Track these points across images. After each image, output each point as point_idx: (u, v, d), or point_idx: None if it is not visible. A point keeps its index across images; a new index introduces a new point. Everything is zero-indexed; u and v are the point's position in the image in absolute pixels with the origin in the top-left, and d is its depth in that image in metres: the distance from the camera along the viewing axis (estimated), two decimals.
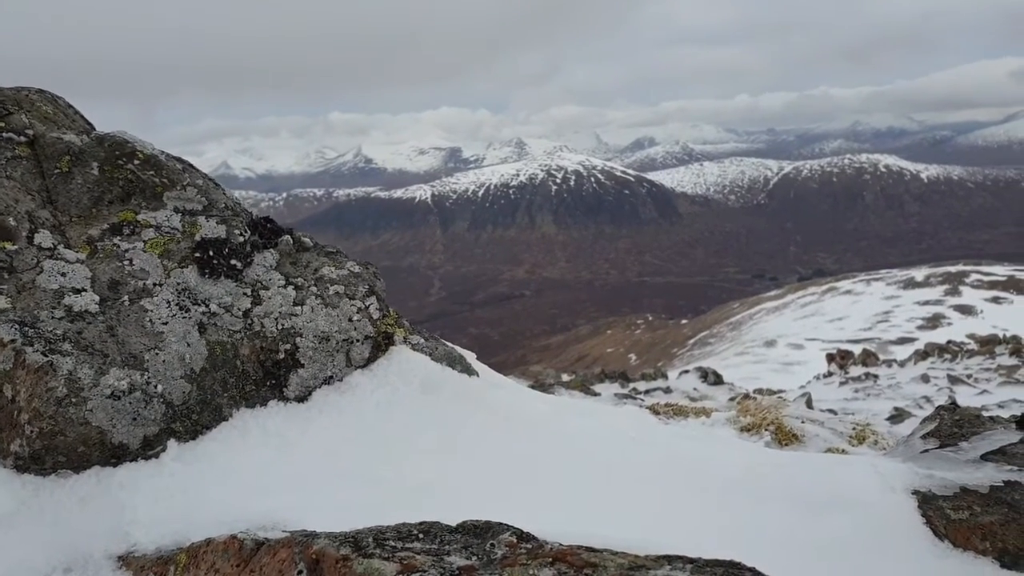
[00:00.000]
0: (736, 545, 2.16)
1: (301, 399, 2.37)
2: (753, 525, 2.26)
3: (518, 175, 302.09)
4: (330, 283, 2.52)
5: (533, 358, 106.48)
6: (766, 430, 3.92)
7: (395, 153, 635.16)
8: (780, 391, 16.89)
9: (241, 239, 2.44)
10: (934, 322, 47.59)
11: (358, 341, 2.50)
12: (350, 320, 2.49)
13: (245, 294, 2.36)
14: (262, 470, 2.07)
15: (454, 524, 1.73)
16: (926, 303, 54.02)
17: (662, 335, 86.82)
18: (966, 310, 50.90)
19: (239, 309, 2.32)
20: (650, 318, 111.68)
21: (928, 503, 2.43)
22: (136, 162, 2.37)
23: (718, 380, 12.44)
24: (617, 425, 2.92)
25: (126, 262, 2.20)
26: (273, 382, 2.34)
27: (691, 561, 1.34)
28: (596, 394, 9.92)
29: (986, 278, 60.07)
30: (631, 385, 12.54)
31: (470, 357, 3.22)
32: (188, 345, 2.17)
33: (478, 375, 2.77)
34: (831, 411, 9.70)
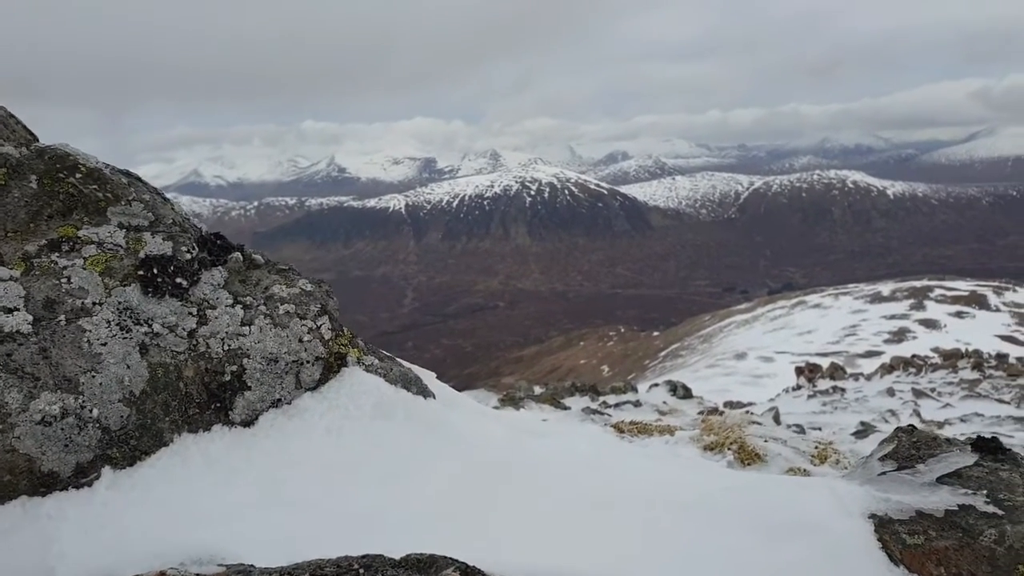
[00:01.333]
0: (691, 573, 2.13)
1: (247, 423, 2.29)
2: (709, 552, 2.23)
3: (492, 186, 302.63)
4: (280, 302, 2.44)
5: (506, 370, 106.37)
6: (729, 449, 3.91)
7: (369, 162, 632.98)
8: (750, 404, 17.02)
9: (188, 256, 2.36)
10: (900, 336, 48.40)
11: (308, 362, 2.43)
12: (300, 341, 2.42)
13: (191, 313, 2.27)
14: (202, 498, 1.99)
15: (398, 557, 1.67)
16: (892, 317, 54.95)
17: (634, 347, 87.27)
18: (931, 324, 51.87)
19: (184, 329, 2.24)
20: (623, 330, 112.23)
21: (884, 527, 2.42)
22: (78, 175, 2.29)
23: (687, 394, 12.49)
24: (575, 448, 2.88)
25: (64, 280, 2.11)
26: (218, 405, 2.25)
27: None
28: (566, 408, 9.88)
29: (949, 293, 61.34)
30: (601, 399, 12.52)
31: (429, 377, 3.16)
32: (128, 367, 2.08)
33: (434, 397, 2.71)
34: (798, 426, 9.78)
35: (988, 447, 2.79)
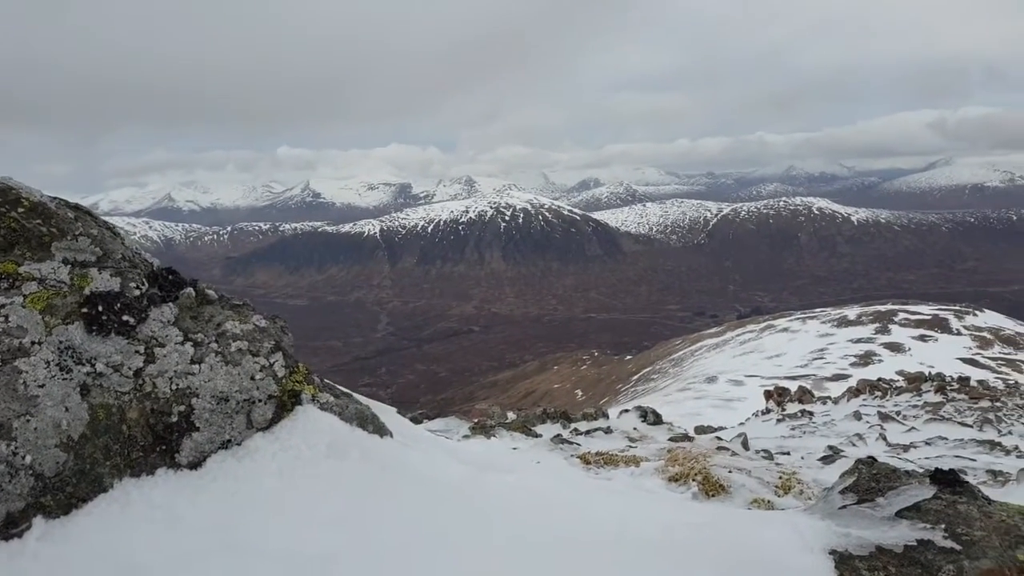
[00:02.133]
0: None
1: (194, 466, 2.21)
2: None
3: (468, 211, 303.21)
4: (233, 339, 2.38)
5: (481, 394, 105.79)
6: (693, 480, 3.89)
7: (344, 188, 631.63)
8: (720, 428, 17.05)
9: (137, 292, 2.30)
10: (866, 359, 49.08)
11: (260, 401, 2.36)
12: (252, 379, 2.35)
13: (137, 352, 2.20)
14: (142, 547, 1.91)
15: None
16: (859, 341, 55.77)
17: (607, 371, 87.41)
18: (895, 348, 52.72)
19: (130, 368, 2.17)
20: (596, 354, 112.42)
21: (845, 563, 2.40)
22: (21, 210, 2.22)
23: (657, 420, 12.48)
24: (537, 484, 2.84)
25: (1, 319, 2.04)
26: (164, 448, 2.18)
27: None
28: (537, 435, 9.82)
29: (913, 317, 62.50)
30: (573, 425, 12.47)
31: (389, 412, 3.11)
32: (66, 409, 2.00)
33: (391, 435, 2.66)
34: (767, 451, 9.80)
35: (946, 479, 2.81)
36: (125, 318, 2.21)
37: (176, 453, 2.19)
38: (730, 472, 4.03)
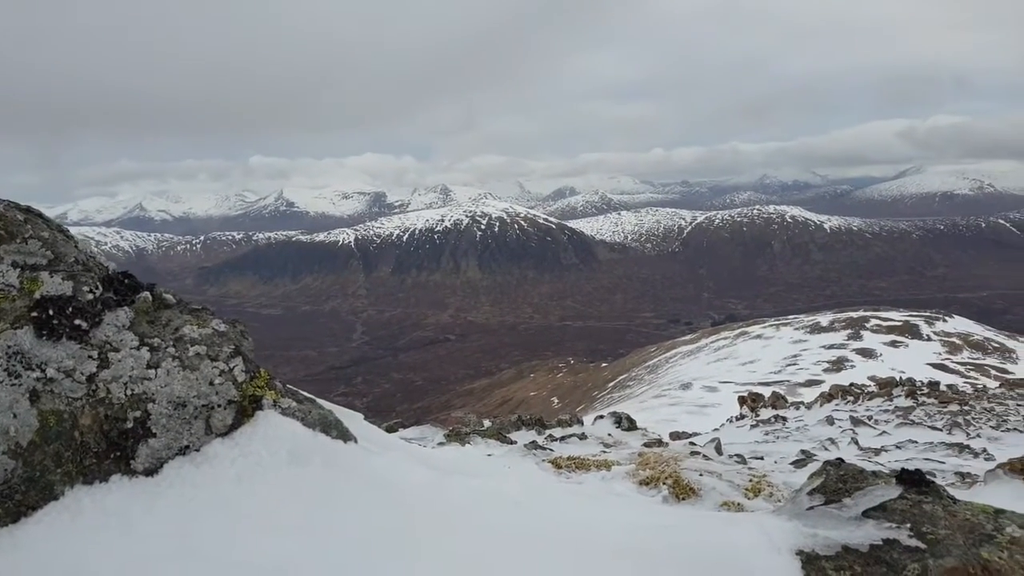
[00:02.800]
0: None
1: (150, 472, 2.15)
2: None
3: (443, 220, 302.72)
4: (191, 343, 2.33)
5: (457, 403, 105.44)
6: (664, 484, 3.88)
7: (318, 197, 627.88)
8: (695, 434, 17.14)
9: (91, 296, 2.24)
10: (838, 365, 49.71)
11: (220, 406, 2.31)
12: (211, 384, 2.30)
13: (91, 357, 2.14)
14: (94, 555, 1.85)
15: None
16: (831, 347, 56.48)
17: (583, 378, 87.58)
18: (867, 353, 53.47)
19: (82, 374, 2.11)
20: (572, 361, 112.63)
21: (811, 563, 2.41)
22: None
23: (632, 425, 12.51)
24: (505, 489, 2.81)
25: None
26: (118, 454, 2.12)
27: None
28: (512, 442, 9.79)
29: (884, 323, 63.46)
30: (548, 432, 12.45)
31: (356, 418, 3.07)
32: (15, 416, 1.94)
33: (356, 440, 2.61)
34: (740, 456, 9.83)
35: (912, 480, 2.82)
36: (77, 322, 2.15)
37: (132, 460, 2.13)
38: (700, 475, 4.03)
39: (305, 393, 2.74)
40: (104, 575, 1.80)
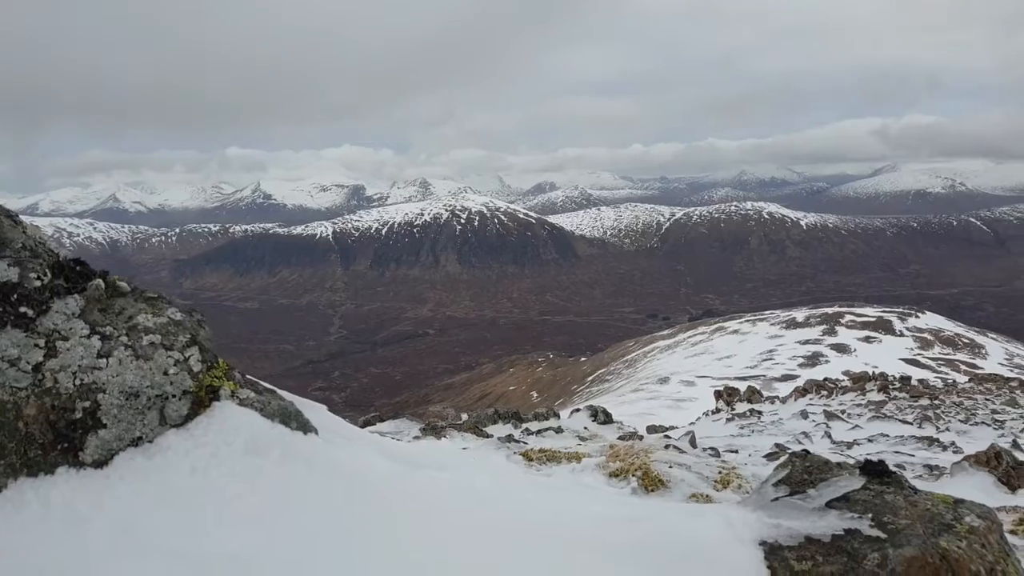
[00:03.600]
0: None
1: (100, 464, 2.09)
2: None
3: (423, 214, 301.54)
4: (145, 332, 2.27)
5: (436, 397, 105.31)
6: (633, 476, 3.88)
7: (296, 189, 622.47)
8: (672, 427, 17.24)
9: (38, 283, 2.17)
10: (813, 360, 50.31)
11: (175, 397, 2.25)
12: (165, 373, 2.24)
13: (37, 345, 2.08)
14: (38, 549, 1.79)
15: None
16: (806, 342, 57.15)
17: (563, 372, 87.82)
18: (842, 349, 54.17)
19: (28, 363, 2.04)
20: (551, 356, 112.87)
21: (774, 554, 2.41)
22: None
23: (608, 419, 12.55)
24: (471, 481, 2.78)
25: None
26: (66, 445, 2.06)
27: None
28: (488, 435, 9.76)
29: (859, 319, 64.31)
30: (524, 425, 12.45)
31: (319, 410, 3.02)
32: None
33: (316, 432, 2.57)
34: (714, 449, 9.91)
35: (875, 471, 2.84)
36: (23, 310, 2.08)
37: (80, 451, 2.07)
38: (670, 467, 4.04)
39: (265, 384, 2.69)
40: (48, 571, 1.75)
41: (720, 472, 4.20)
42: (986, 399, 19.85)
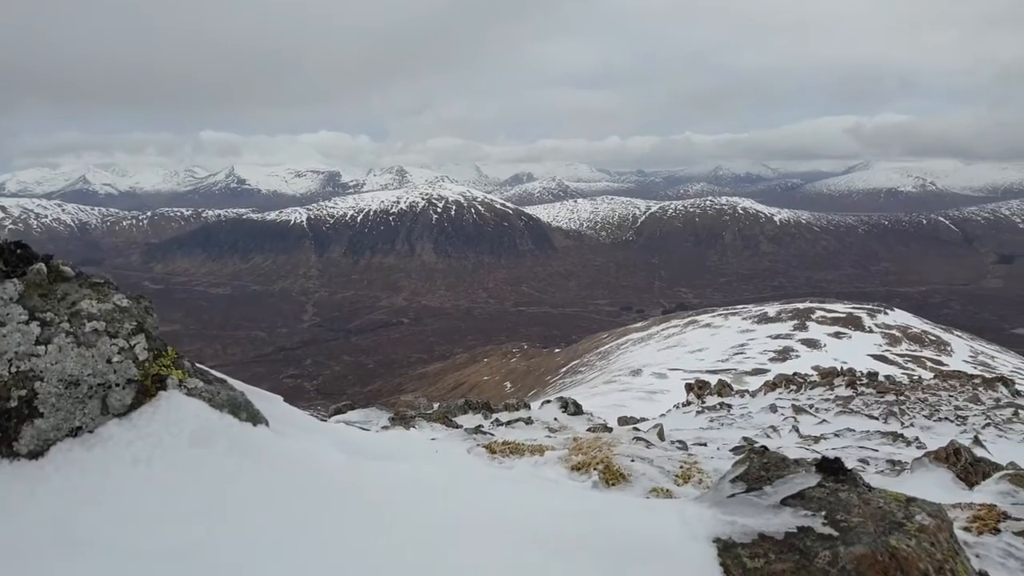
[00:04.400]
0: None
1: (35, 455, 2.02)
2: None
3: (399, 202, 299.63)
4: (88, 319, 2.19)
5: (409, 386, 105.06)
6: (595, 469, 3.87)
7: (270, 175, 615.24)
8: (643, 419, 17.32)
9: None
10: (784, 355, 50.90)
11: (118, 386, 2.19)
12: (109, 362, 2.17)
13: None
14: None
15: None
16: (778, 337, 57.80)
17: (537, 363, 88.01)
18: (812, 344, 54.86)
19: None
20: (525, 347, 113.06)
21: (728, 551, 2.41)
22: None
23: (578, 410, 12.59)
24: (427, 473, 2.74)
25: None
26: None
27: None
28: (458, 426, 9.74)
29: (829, 315, 65.19)
30: (494, 416, 12.44)
31: (274, 401, 2.96)
32: None
33: (267, 423, 2.51)
34: (682, 442, 9.96)
35: (831, 468, 2.85)
36: None
37: (14, 441, 2.00)
38: (632, 461, 4.03)
39: (216, 373, 2.62)
40: None
41: (682, 466, 4.20)
42: (950, 395, 20.23)
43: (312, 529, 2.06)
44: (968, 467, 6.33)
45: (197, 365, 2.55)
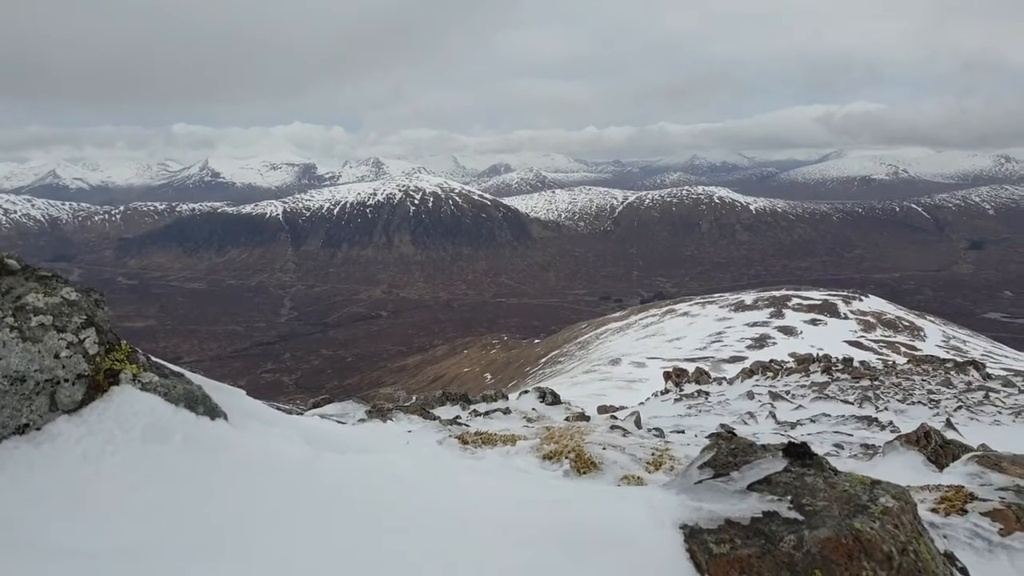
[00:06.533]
0: None
1: None
2: (517, 573, 2.11)
3: (376, 194, 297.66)
4: (34, 313, 2.12)
5: (389, 379, 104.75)
6: (566, 458, 3.85)
7: (245, 168, 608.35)
8: (622, 407, 17.39)
9: None
10: (761, 342, 51.38)
11: (67, 381, 2.12)
12: (57, 356, 2.11)
13: None
14: None
15: None
16: (754, 324, 58.33)
17: (516, 354, 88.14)
18: (788, 331, 55.43)
19: None
20: (505, 338, 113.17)
21: (694, 537, 2.40)
22: None
23: (555, 400, 12.61)
24: (394, 464, 2.70)
25: None
26: None
27: None
28: (435, 418, 9.70)
29: (805, 302, 65.89)
30: (472, 407, 12.41)
31: (236, 395, 2.90)
32: None
33: (225, 417, 2.46)
34: (659, 430, 10.00)
35: (798, 452, 2.86)
36: None
37: None
38: (604, 449, 4.03)
39: (172, 367, 2.56)
40: None
41: (653, 454, 4.21)
42: (923, 380, 20.50)
43: (266, 525, 2.02)
44: (938, 449, 6.42)
45: (153, 359, 2.48)
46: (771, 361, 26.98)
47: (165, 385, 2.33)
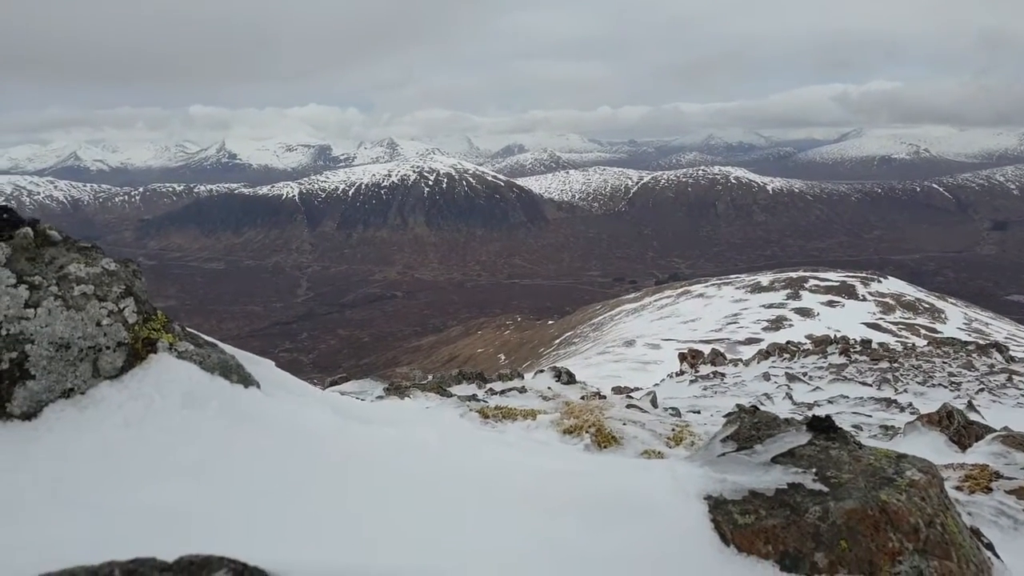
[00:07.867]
0: (517, 565, 2.05)
1: (28, 416, 2.02)
2: (540, 539, 2.15)
3: (390, 175, 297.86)
4: (77, 282, 2.18)
5: (404, 359, 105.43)
6: (587, 432, 3.90)
7: (261, 149, 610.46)
8: (636, 388, 17.45)
9: None
10: (777, 324, 51.16)
11: (108, 348, 2.18)
12: (99, 324, 2.16)
13: None
14: None
15: (171, 560, 1.49)
16: (771, 306, 58.05)
17: (530, 335, 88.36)
18: (805, 313, 55.13)
19: None
20: (519, 319, 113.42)
21: (718, 508, 2.43)
22: None
23: (571, 379, 12.66)
24: (418, 436, 2.75)
25: None
26: None
27: None
28: (452, 395, 9.80)
29: (822, 283, 65.43)
30: (488, 385, 12.51)
31: (265, 365, 2.95)
32: None
33: (258, 386, 2.51)
34: (675, 409, 10.03)
35: (822, 426, 2.88)
36: None
37: (7, 403, 2.00)
38: (624, 424, 4.07)
39: (206, 337, 2.62)
40: None
41: (674, 430, 4.24)
42: (944, 362, 20.36)
43: (301, 487, 2.07)
44: (961, 430, 6.40)
45: (188, 329, 2.54)
46: (788, 343, 26.87)
47: (200, 354, 2.39)
